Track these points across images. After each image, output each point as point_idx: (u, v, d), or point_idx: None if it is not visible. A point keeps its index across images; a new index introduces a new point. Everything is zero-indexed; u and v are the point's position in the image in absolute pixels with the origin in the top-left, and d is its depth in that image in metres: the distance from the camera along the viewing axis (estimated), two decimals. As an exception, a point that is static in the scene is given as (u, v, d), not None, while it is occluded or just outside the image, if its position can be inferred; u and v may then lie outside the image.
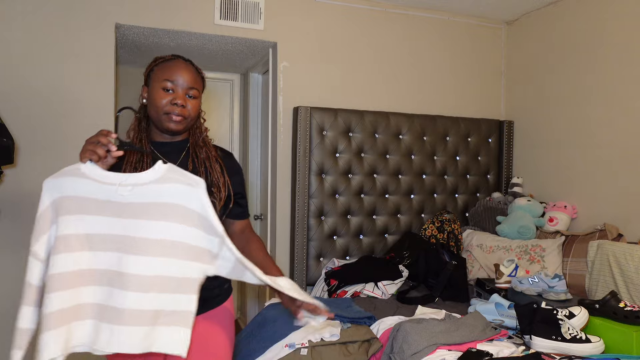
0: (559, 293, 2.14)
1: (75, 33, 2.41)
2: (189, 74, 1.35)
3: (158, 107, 1.33)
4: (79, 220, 1.12)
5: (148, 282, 1.10)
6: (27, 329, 1.15)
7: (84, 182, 1.13)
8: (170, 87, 1.32)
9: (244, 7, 2.71)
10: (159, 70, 1.35)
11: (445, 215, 2.96)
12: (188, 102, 1.34)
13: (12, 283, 2.30)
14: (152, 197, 1.13)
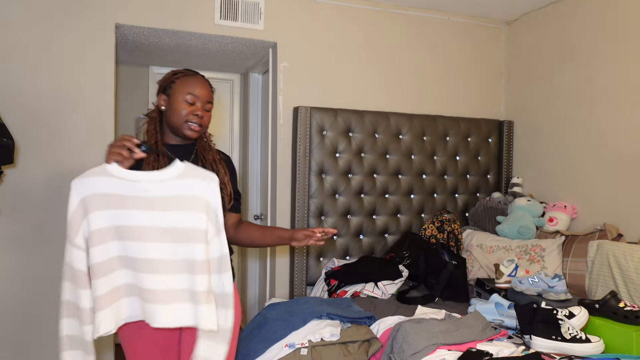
0: (558, 293, 2.14)
1: (75, 33, 2.41)
2: (207, 89, 1.57)
3: (180, 116, 1.53)
4: (109, 215, 1.29)
5: (170, 265, 1.29)
6: (89, 308, 1.29)
7: (111, 180, 1.30)
8: (192, 100, 1.53)
9: (244, 7, 2.71)
10: (182, 84, 1.54)
11: (445, 215, 2.96)
12: (205, 114, 1.56)
13: (13, 281, 2.30)
14: (174, 190, 1.31)
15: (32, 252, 2.32)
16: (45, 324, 2.34)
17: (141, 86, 3.59)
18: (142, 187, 1.30)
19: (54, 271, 2.36)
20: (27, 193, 2.32)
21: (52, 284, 2.36)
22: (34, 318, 2.34)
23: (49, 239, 2.35)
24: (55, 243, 2.36)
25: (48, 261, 2.34)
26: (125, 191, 1.30)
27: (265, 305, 2.19)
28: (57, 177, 2.37)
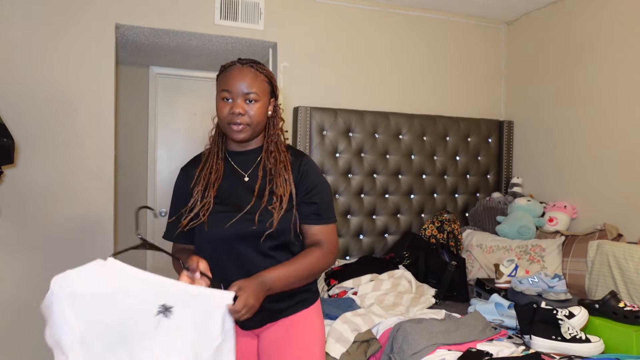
0: (558, 293, 2.14)
1: (75, 33, 2.41)
2: (244, 77, 1.31)
3: (221, 119, 1.33)
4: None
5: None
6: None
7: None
8: (228, 97, 1.31)
9: (244, 7, 2.71)
10: (218, 82, 1.35)
11: (445, 215, 2.96)
12: (248, 108, 1.31)
13: (12, 282, 2.30)
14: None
15: (32, 252, 2.32)
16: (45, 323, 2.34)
17: (141, 86, 3.59)
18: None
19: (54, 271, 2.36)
20: (27, 193, 2.32)
21: (52, 284, 2.36)
22: (33, 318, 2.33)
23: (49, 239, 2.35)
24: (55, 243, 2.36)
25: (48, 261, 2.34)
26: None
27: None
28: (57, 177, 2.37)
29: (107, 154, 2.46)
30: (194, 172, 1.40)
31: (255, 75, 1.33)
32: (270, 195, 1.32)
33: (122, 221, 3.32)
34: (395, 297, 2.28)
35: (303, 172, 1.37)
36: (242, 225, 1.29)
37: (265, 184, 1.34)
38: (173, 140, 3.68)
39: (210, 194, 1.33)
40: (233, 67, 1.33)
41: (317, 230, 1.37)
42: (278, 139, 1.39)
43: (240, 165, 1.39)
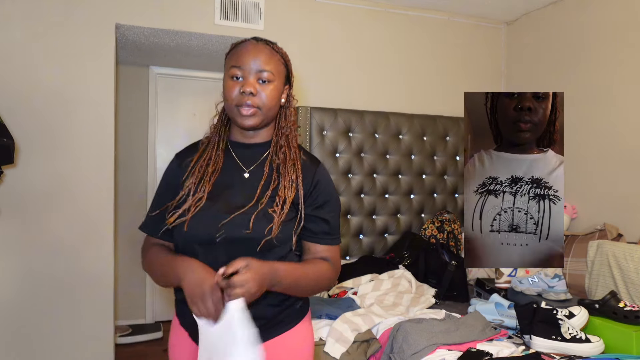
0: (558, 293, 2.14)
1: (75, 33, 2.41)
2: (259, 54, 1.13)
3: (229, 100, 1.14)
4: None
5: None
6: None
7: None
8: (238, 74, 1.13)
9: (244, 7, 2.71)
10: (228, 59, 1.17)
11: (445, 215, 2.96)
12: (261, 89, 1.13)
13: (13, 282, 2.30)
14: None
15: (32, 252, 2.32)
16: (45, 323, 2.34)
17: (141, 86, 3.59)
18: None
19: (54, 271, 2.36)
20: (27, 193, 2.32)
21: (51, 284, 2.36)
22: (34, 318, 2.34)
23: (49, 238, 2.35)
24: (56, 243, 2.36)
25: (48, 261, 2.34)
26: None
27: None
28: (57, 177, 2.37)
29: (107, 154, 2.46)
30: (190, 161, 1.22)
31: (272, 53, 1.16)
32: (272, 197, 1.13)
33: (122, 221, 3.32)
34: (395, 297, 2.28)
35: (317, 182, 1.19)
36: (233, 229, 1.09)
37: (269, 183, 1.15)
38: (173, 140, 3.68)
39: (205, 188, 1.14)
40: (247, 43, 1.17)
41: (324, 249, 1.21)
42: (290, 132, 1.21)
43: (242, 159, 1.21)
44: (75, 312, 2.41)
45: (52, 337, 2.36)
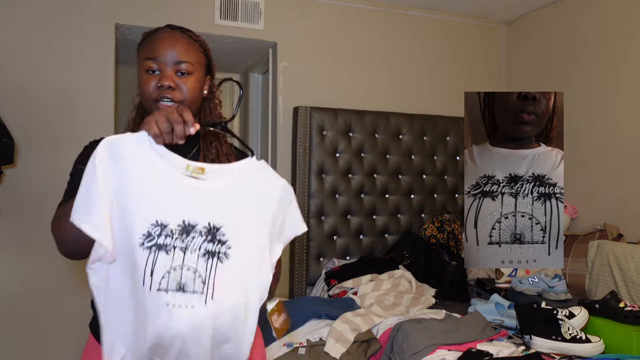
0: (559, 293, 2.14)
1: (75, 33, 2.41)
2: (175, 43, 1.06)
3: (145, 95, 1.07)
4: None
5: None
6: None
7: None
8: (154, 67, 1.06)
9: (244, 7, 2.71)
10: (141, 50, 1.10)
11: (445, 215, 2.95)
12: (180, 82, 1.05)
13: (13, 281, 2.30)
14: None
15: (32, 252, 2.32)
16: (45, 323, 2.34)
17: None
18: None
19: (54, 271, 2.36)
20: (27, 193, 2.32)
21: (52, 284, 2.36)
22: (34, 318, 2.34)
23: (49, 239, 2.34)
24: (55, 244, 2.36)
25: (48, 261, 2.34)
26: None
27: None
28: (57, 177, 2.37)
29: (107, 154, 2.45)
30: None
31: (189, 42, 1.08)
32: None
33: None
34: (395, 297, 2.27)
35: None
36: None
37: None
38: (173, 140, 3.69)
39: None
40: (161, 32, 1.10)
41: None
42: (219, 124, 1.09)
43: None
44: (76, 312, 2.41)
45: (52, 337, 2.35)
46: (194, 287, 0.91)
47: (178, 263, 0.91)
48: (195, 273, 0.92)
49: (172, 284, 0.91)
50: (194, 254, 0.92)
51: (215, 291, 0.92)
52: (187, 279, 0.91)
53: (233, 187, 0.97)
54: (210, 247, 0.93)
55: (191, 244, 0.92)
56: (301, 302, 2.27)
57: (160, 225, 0.91)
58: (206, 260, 0.93)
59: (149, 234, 0.90)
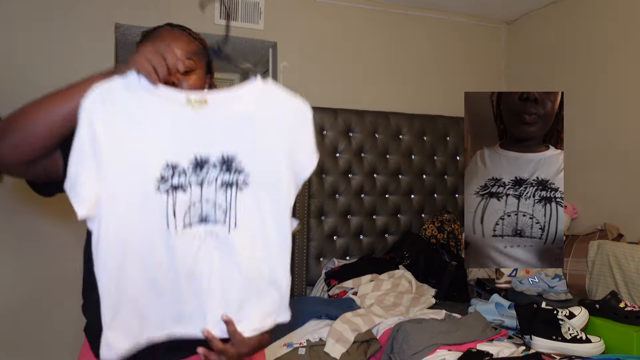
0: (559, 293, 2.14)
1: (76, 33, 2.41)
2: (177, 41, 1.07)
3: None
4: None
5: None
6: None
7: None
8: None
9: (244, 7, 2.71)
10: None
11: (445, 215, 2.95)
12: (182, 80, 1.06)
13: (13, 281, 2.30)
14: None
15: (33, 252, 2.32)
16: (45, 323, 2.34)
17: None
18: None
19: (54, 271, 2.36)
20: (27, 193, 2.32)
21: (52, 284, 2.35)
22: (34, 318, 2.34)
23: (49, 239, 2.35)
24: (56, 243, 2.36)
25: (48, 261, 2.34)
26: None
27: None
28: (56, 177, 2.37)
29: (106, 154, 2.46)
30: None
31: (189, 40, 1.10)
32: None
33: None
34: (395, 297, 2.27)
35: None
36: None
37: None
38: (173, 140, 3.68)
39: None
40: (162, 30, 1.12)
41: None
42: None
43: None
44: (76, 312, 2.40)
45: (52, 338, 2.35)
46: (215, 217, 0.92)
47: (197, 198, 0.91)
48: (215, 204, 0.92)
49: (194, 218, 0.91)
50: (210, 186, 0.92)
51: (237, 219, 0.93)
52: (207, 211, 0.92)
53: (241, 113, 0.95)
54: (227, 178, 0.93)
55: (207, 177, 0.92)
56: (301, 302, 2.27)
57: (171, 166, 0.90)
58: (225, 191, 0.93)
59: (162, 177, 0.89)
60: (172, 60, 0.90)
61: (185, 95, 0.91)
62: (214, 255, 0.91)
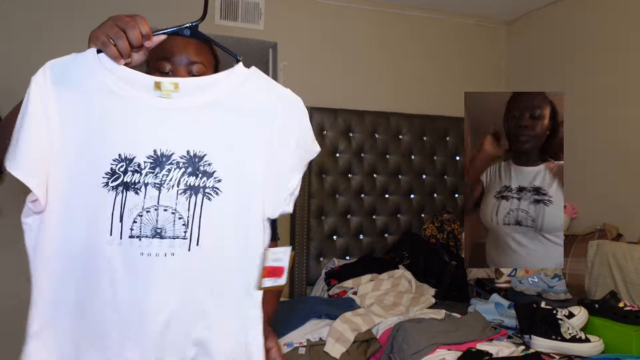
0: (558, 293, 2.14)
1: (76, 33, 2.40)
2: (188, 45, 1.05)
3: None
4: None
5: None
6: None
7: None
8: (167, 68, 1.01)
9: (244, 7, 2.71)
10: (152, 52, 1.03)
11: (445, 215, 2.96)
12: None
13: (13, 282, 2.31)
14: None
15: (32, 252, 2.33)
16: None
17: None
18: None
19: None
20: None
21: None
22: (34, 318, 2.34)
23: (49, 238, 2.35)
24: (55, 243, 2.37)
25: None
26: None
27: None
28: (57, 177, 2.38)
29: (107, 153, 2.46)
30: None
31: (200, 44, 1.08)
32: None
33: (122, 221, 3.32)
34: (395, 297, 2.28)
35: None
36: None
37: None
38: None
39: None
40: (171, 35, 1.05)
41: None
42: None
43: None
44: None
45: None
46: (174, 231, 0.75)
47: (152, 203, 0.75)
48: (175, 214, 0.75)
49: (146, 229, 0.75)
50: (171, 190, 0.76)
51: (201, 235, 0.76)
52: (164, 222, 0.75)
53: (217, 104, 0.80)
54: (193, 181, 0.76)
55: (167, 179, 0.76)
56: (301, 302, 2.27)
57: (124, 159, 0.75)
58: (188, 198, 0.76)
59: (112, 172, 0.75)
60: (135, 34, 0.79)
61: (153, 79, 0.79)
62: (162, 277, 0.75)
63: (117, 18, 0.83)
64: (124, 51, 0.79)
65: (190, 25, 0.95)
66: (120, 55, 0.79)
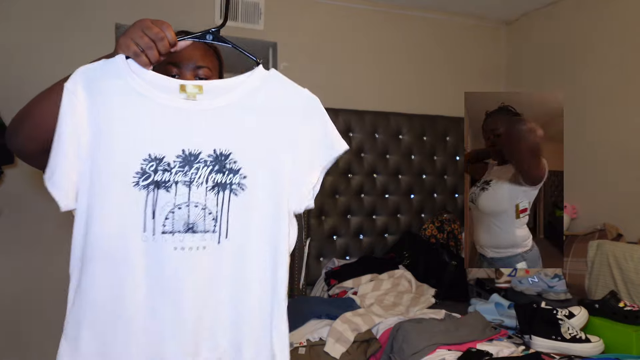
0: (558, 293, 2.14)
1: (75, 33, 2.41)
2: (194, 49, 1.05)
3: None
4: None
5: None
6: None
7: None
8: (174, 72, 1.03)
9: (244, 7, 2.71)
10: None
11: (445, 215, 2.95)
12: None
13: (13, 281, 2.30)
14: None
15: (33, 252, 2.32)
16: (45, 324, 2.34)
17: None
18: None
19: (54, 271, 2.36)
20: (27, 193, 2.32)
21: (52, 284, 2.36)
22: (34, 318, 2.34)
23: (50, 238, 2.35)
24: (56, 243, 2.36)
25: (48, 261, 2.34)
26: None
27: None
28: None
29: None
30: None
31: (206, 47, 1.09)
32: None
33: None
34: (395, 297, 2.28)
35: None
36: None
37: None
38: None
39: None
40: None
41: None
42: None
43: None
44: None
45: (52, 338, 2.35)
46: (204, 225, 0.80)
47: (183, 200, 0.80)
48: (205, 210, 0.80)
49: (178, 225, 0.79)
50: (200, 187, 0.81)
51: (230, 229, 0.81)
52: (195, 217, 0.80)
53: (239, 104, 0.86)
54: (220, 179, 0.81)
55: (196, 177, 0.81)
56: (301, 302, 2.27)
57: (154, 159, 0.79)
58: (216, 194, 0.81)
59: (142, 171, 0.79)
60: (164, 45, 0.83)
61: (179, 82, 0.84)
62: (195, 269, 0.79)
63: (146, 27, 0.83)
64: (154, 60, 0.83)
65: (213, 31, 0.98)
66: (150, 63, 0.84)
